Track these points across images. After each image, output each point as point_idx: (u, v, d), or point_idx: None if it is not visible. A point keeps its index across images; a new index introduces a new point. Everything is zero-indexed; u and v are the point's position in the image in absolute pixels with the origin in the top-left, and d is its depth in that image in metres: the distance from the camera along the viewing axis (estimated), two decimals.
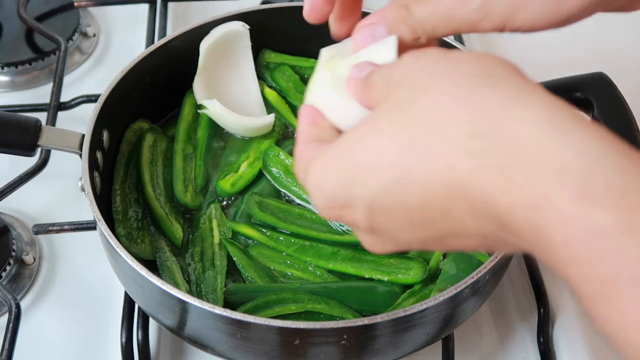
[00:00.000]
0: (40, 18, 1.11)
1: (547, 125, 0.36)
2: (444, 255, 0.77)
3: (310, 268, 0.77)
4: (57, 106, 0.95)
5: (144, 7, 1.12)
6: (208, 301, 0.68)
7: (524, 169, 0.36)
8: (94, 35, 1.14)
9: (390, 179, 0.41)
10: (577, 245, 0.34)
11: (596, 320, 0.35)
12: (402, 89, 0.43)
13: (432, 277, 0.75)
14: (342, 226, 0.78)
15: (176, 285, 0.73)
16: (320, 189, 0.45)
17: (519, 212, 0.36)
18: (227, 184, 0.82)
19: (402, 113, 0.41)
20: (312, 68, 0.83)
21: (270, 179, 0.83)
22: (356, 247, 0.77)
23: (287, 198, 0.82)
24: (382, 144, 0.41)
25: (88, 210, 0.70)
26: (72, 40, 1.10)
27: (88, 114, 0.77)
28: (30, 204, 0.92)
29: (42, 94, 1.04)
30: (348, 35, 0.55)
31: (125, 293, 0.77)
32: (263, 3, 1.07)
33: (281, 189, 0.82)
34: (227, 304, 0.72)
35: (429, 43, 0.51)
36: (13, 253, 0.85)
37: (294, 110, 0.90)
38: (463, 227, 0.40)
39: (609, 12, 0.51)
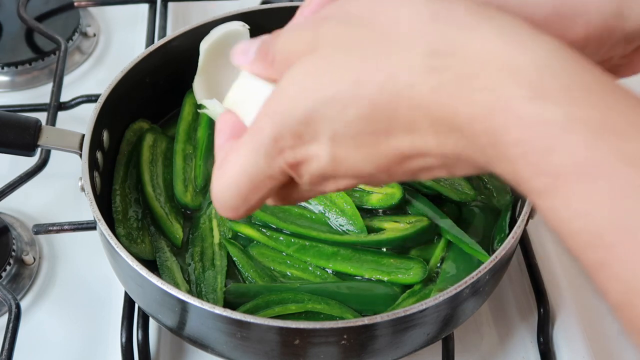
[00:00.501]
0: (40, 18, 1.11)
1: (504, 38, 0.37)
2: (444, 255, 0.77)
3: (310, 268, 0.77)
4: (57, 106, 0.95)
5: (144, 7, 1.12)
6: (208, 301, 0.68)
7: (483, 78, 0.37)
8: (94, 35, 1.14)
9: (353, 110, 0.40)
10: (529, 140, 0.35)
11: (545, 216, 0.36)
12: (341, 26, 0.41)
13: (432, 277, 0.75)
14: (342, 226, 0.79)
15: (176, 285, 0.73)
16: (279, 138, 0.42)
17: (478, 120, 0.37)
18: None
19: (352, 45, 0.41)
20: None
21: None
22: (356, 247, 0.77)
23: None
24: (339, 76, 0.40)
25: (88, 210, 0.70)
26: (72, 40, 1.10)
27: (88, 114, 0.77)
28: (30, 204, 0.92)
29: (42, 94, 1.04)
30: None
31: (125, 293, 0.77)
32: (263, 3, 1.07)
33: None
34: (227, 304, 0.72)
35: None
36: (13, 253, 0.85)
37: None
38: (425, 146, 0.40)
39: None
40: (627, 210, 0.33)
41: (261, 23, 0.90)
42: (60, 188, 0.93)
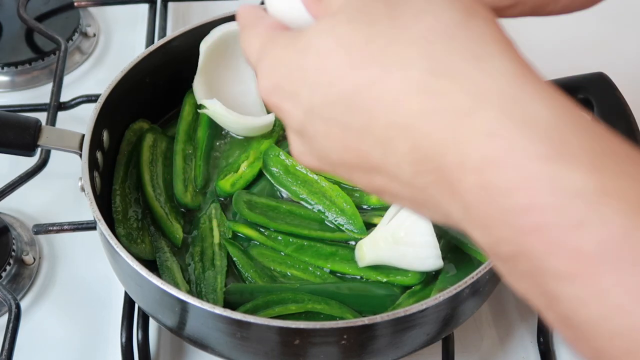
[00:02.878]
0: (40, 18, 1.11)
1: (516, 79, 0.33)
2: (444, 255, 0.77)
3: (310, 268, 0.77)
4: (57, 106, 0.95)
5: (144, 7, 1.12)
6: (208, 301, 0.68)
7: (484, 117, 0.31)
8: (94, 35, 1.14)
9: (336, 91, 0.37)
10: (546, 210, 0.29)
11: (562, 304, 0.30)
12: (375, 3, 0.37)
13: (432, 277, 0.75)
14: (342, 226, 0.78)
15: (176, 285, 0.73)
16: (272, 73, 0.41)
17: (471, 166, 0.31)
18: (227, 184, 0.82)
19: (365, 26, 0.37)
20: None
21: (270, 178, 0.83)
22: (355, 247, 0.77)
23: (290, 199, 0.82)
24: (336, 52, 0.37)
25: (88, 210, 0.70)
26: (72, 40, 1.10)
27: (88, 114, 0.77)
28: (30, 204, 0.92)
29: (42, 94, 1.04)
30: None
31: (125, 293, 0.77)
32: (263, 3, 1.07)
33: (281, 189, 0.82)
34: (227, 304, 0.72)
35: None
36: (13, 253, 0.85)
37: None
38: (397, 170, 0.36)
39: None
40: None
41: None
42: (60, 188, 0.93)
